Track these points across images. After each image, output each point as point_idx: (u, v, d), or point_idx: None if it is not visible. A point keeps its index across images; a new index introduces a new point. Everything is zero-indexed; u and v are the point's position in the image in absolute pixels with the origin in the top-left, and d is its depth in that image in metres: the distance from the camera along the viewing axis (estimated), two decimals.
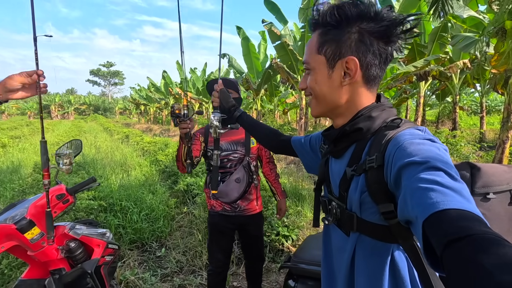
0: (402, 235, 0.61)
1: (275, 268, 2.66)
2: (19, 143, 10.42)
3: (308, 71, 0.74)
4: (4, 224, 1.21)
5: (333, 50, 0.67)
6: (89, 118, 41.10)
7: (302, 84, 0.77)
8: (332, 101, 0.71)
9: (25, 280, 1.35)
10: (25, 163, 6.21)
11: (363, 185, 0.66)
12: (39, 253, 1.29)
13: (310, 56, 0.72)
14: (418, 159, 0.52)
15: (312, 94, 0.74)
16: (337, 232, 0.78)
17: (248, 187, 1.71)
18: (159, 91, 24.23)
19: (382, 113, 0.70)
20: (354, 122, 0.70)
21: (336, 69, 0.68)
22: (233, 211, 1.76)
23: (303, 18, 7.94)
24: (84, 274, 1.33)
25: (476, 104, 20.02)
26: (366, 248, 0.69)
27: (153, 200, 3.67)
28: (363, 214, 0.67)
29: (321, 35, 0.69)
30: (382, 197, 0.62)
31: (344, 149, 0.73)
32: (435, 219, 0.42)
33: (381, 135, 0.65)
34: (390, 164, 0.59)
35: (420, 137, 0.59)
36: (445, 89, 10.83)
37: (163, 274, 2.56)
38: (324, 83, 0.70)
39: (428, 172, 0.48)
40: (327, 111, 0.75)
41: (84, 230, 1.41)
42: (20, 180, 4.52)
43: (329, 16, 0.67)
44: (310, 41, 0.72)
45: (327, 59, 0.69)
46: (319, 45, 0.69)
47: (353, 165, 0.69)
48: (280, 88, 13.72)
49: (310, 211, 3.64)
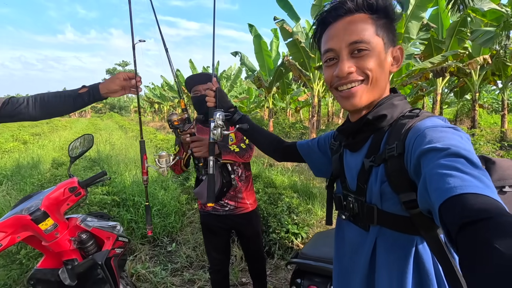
0: (424, 225, 0.60)
1: (284, 265, 2.65)
2: (39, 140, 10.83)
3: (364, 52, 0.66)
4: (20, 215, 1.25)
5: (388, 36, 0.69)
6: (105, 116, 42.21)
7: (350, 68, 0.67)
8: (383, 86, 0.70)
9: (41, 269, 1.40)
10: (44, 159, 6.44)
11: (382, 175, 0.65)
12: (53, 244, 1.33)
13: (369, 36, 0.66)
14: (439, 145, 0.51)
15: (371, 77, 0.67)
16: (352, 229, 0.76)
17: (226, 187, 1.60)
18: (172, 90, 24.58)
19: (401, 102, 0.71)
20: (377, 110, 0.69)
21: (388, 55, 0.69)
22: (223, 211, 1.70)
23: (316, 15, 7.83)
24: (95, 265, 1.37)
25: (497, 101, 19.24)
26: (387, 241, 0.67)
27: (165, 196, 3.73)
28: (384, 205, 0.66)
29: (374, 19, 0.68)
30: (403, 186, 0.61)
31: (362, 141, 0.72)
32: (451, 203, 0.41)
33: (400, 124, 0.65)
34: (410, 152, 0.58)
35: (441, 125, 0.58)
36: (464, 86, 10.46)
37: (173, 269, 2.60)
38: (384, 66, 0.69)
39: (449, 159, 0.47)
40: (376, 98, 0.71)
41: (95, 223, 1.44)
42: (39, 175, 4.70)
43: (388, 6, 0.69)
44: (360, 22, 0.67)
45: (384, 43, 0.68)
46: (376, 27, 0.67)
47: (371, 156, 0.68)
48: (292, 86, 13.63)
49: (320, 209, 3.61)
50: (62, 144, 9.48)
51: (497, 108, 17.60)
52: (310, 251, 1.35)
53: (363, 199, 0.70)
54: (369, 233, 0.70)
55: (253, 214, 1.79)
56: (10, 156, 6.87)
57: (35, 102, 1.15)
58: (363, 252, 0.71)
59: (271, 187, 4.00)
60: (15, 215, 1.27)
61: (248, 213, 1.75)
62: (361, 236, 0.73)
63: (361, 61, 0.67)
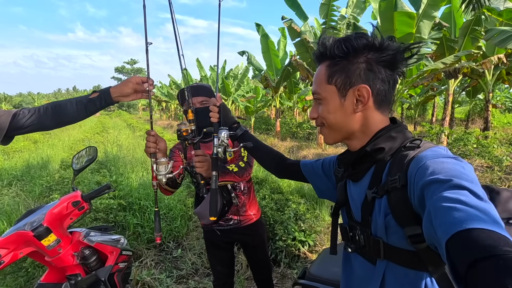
0: (432, 261, 0.58)
1: (291, 274, 2.60)
2: (49, 139, 10.99)
3: (318, 101, 0.75)
4: (23, 231, 1.24)
5: (343, 80, 0.69)
6: (114, 114, 42.70)
7: (313, 114, 0.77)
8: (346, 128, 0.72)
9: (44, 284, 1.38)
10: (53, 159, 6.53)
11: (386, 207, 0.64)
12: (56, 259, 1.32)
13: (320, 86, 0.73)
14: (442, 177, 0.50)
15: (325, 123, 0.74)
16: (359, 261, 0.74)
17: (227, 207, 1.55)
18: (179, 88, 24.68)
19: (400, 134, 0.70)
20: (375, 142, 0.69)
21: (348, 97, 0.70)
22: (227, 225, 1.66)
23: (324, 14, 7.72)
24: (98, 281, 1.35)
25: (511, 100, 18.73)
26: (396, 277, 0.65)
27: (171, 199, 3.72)
28: (390, 239, 0.64)
29: (329, 66, 0.71)
30: (408, 219, 0.59)
31: (363, 171, 0.72)
32: (458, 239, 0.40)
33: (402, 156, 0.65)
34: (413, 184, 0.57)
35: (442, 156, 0.58)
36: (477, 86, 10.18)
37: (178, 276, 2.57)
38: (337, 111, 0.71)
39: (452, 191, 0.47)
40: (341, 138, 0.75)
41: (98, 237, 1.42)
42: (48, 177, 4.75)
43: (337, 49, 0.69)
44: (318, 72, 0.74)
45: (338, 89, 0.70)
46: (328, 75, 0.71)
47: (373, 187, 0.67)
48: (299, 85, 13.50)
49: (328, 214, 3.54)
50: (72, 144, 9.61)
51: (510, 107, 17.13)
52: (318, 271, 1.29)
53: (369, 231, 0.69)
54: (376, 267, 0.69)
55: (258, 224, 1.76)
56: (21, 156, 6.98)
57: (47, 111, 1.12)
58: (371, 287, 0.69)
59: (278, 193, 3.95)
60: (18, 231, 1.25)
61: (253, 223, 1.71)
62: (369, 269, 0.71)
63: (317, 109, 0.75)
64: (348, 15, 7.95)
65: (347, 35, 0.71)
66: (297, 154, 7.87)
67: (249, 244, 1.77)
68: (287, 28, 8.31)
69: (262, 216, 1.82)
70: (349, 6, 8.02)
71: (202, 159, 1.28)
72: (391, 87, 0.71)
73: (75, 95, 50.46)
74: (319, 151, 8.20)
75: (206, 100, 1.56)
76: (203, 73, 20.43)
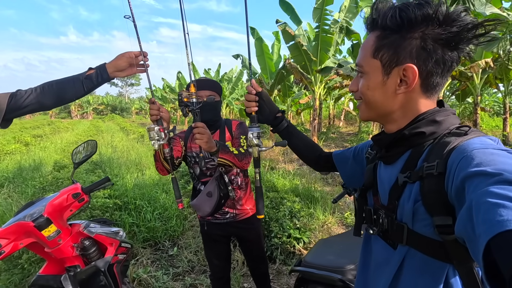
0: (459, 255, 0.55)
1: (286, 270, 2.64)
2: (41, 141, 10.85)
3: (360, 74, 0.69)
4: (23, 222, 1.25)
5: (390, 56, 0.63)
6: (107, 118, 42.30)
7: (353, 87, 0.72)
8: (384, 108, 0.68)
9: (43, 276, 1.40)
10: (46, 161, 6.46)
11: (417, 194, 0.60)
12: (56, 250, 1.33)
13: (364, 59, 0.67)
14: (490, 170, 0.45)
15: (362, 99, 0.70)
16: (380, 244, 0.72)
17: (224, 199, 1.56)
18: (173, 92, 24.63)
19: (447, 118, 0.64)
20: (415, 126, 0.64)
21: (392, 76, 0.64)
22: (223, 219, 1.69)
23: (317, 18, 7.86)
24: (98, 272, 1.36)
25: (499, 104, 19.20)
26: (416, 264, 0.63)
27: (166, 199, 3.73)
28: (415, 225, 0.61)
29: (378, 38, 0.64)
30: (439, 209, 0.56)
31: (397, 154, 0.68)
32: (506, 239, 0.36)
33: (444, 142, 0.60)
34: (453, 173, 0.53)
35: (493, 147, 0.52)
36: (466, 89, 10.44)
37: (174, 273, 2.59)
38: (377, 89, 0.66)
39: (500, 186, 0.42)
40: (377, 117, 0.71)
41: (98, 229, 1.44)
42: (40, 178, 4.70)
43: (390, 20, 0.61)
44: (366, 42, 0.67)
45: (382, 65, 0.64)
46: (375, 49, 0.64)
47: (406, 171, 0.63)
48: (293, 89, 13.64)
49: (322, 213, 3.60)
50: (64, 146, 9.50)
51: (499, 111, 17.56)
52: (314, 259, 1.34)
53: (394, 216, 0.66)
54: (396, 252, 0.66)
55: (254, 218, 1.78)
56: (12, 158, 6.89)
57: (44, 90, 1.11)
58: (387, 270, 0.68)
59: (273, 191, 3.99)
60: (18, 221, 1.27)
61: (249, 218, 1.74)
62: (388, 253, 0.69)
63: (358, 82, 0.70)
64: (340, 20, 8.11)
65: (405, 2, 0.61)
66: (291, 155, 7.94)
67: (245, 238, 1.80)
68: (281, 32, 8.43)
69: None
70: (342, 11, 8.18)
71: (201, 131, 1.27)
72: (446, 70, 0.62)
73: None
74: None
75: (213, 95, 1.58)
76: (198, 77, 20.46)
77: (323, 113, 17.40)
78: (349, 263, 1.25)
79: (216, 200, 1.51)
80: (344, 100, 19.16)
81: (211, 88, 1.59)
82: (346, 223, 3.63)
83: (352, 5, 8.14)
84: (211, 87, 1.59)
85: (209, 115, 1.56)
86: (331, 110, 17.30)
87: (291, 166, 6.70)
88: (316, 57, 8.47)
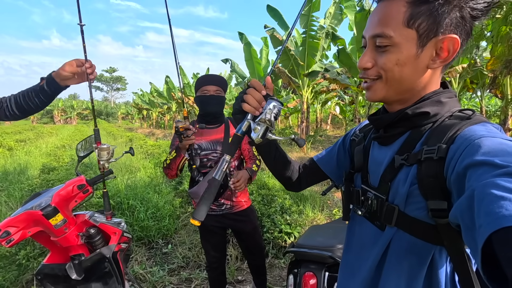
0: (450, 237, 0.54)
1: (278, 263, 2.74)
2: (25, 146, 10.57)
3: (383, 48, 0.59)
4: (32, 211, 1.31)
5: (429, 26, 0.56)
6: (91, 123, 41.37)
7: (367, 62, 0.62)
8: (409, 85, 0.61)
9: (48, 265, 1.45)
10: (32, 165, 6.33)
11: (413, 177, 0.58)
12: (62, 239, 1.39)
13: (392, 28, 0.57)
14: (497, 160, 0.43)
15: (383, 76, 0.61)
16: (366, 225, 0.71)
17: (223, 189, 1.64)
18: (161, 96, 24.45)
19: (450, 100, 0.61)
20: (419, 105, 0.61)
21: (427, 48, 0.57)
22: (219, 210, 1.77)
23: (304, 24, 8.11)
24: (103, 259, 1.43)
25: (477, 108, 20.13)
26: (402, 246, 0.62)
27: (159, 199, 3.77)
28: (407, 208, 0.60)
29: (412, 4, 0.56)
30: (436, 193, 0.54)
31: (395, 136, 0.65)
32: (508, 235, 0.35)
33: (445, 125, 0.57)
34: (456, 159, 0.51)
35: (501, 136, 0.49)
36: None
37: (170, 269, 2.65)
38: (408, 63, 0.58)
39: (508, 179, 0.40)
40: (395, 96, 0.63)
41: (102, 219, 1.51)
42: (28, 181, 4.64)
43: None
44: (390, 9, 0.58)
45: (419, 35, 0.57)
46: (410, 16, 0.56)
47: (404, 153, 0.61)
48: (281, 93, 13.87)
49: (311, 210, 3.73)
50: (50, 151, 9.29)
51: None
52: (305, 241, 1.45)
53: (385, 198, 0.64)
54: (384, 233, 0.65)
55: (249, 211, 1.87)
56: None
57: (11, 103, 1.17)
58: (373, 252, 0.67)
59: (265, 189, 4.10)
60: (27, 210, 1.32)
61: (244, 209, 1.83)
62: (375, 235, 0.68)
63: (380, 57, 0.60)
64: (326, 26, 8.40)
65: None
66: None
67: (242, 231, 1.87)
68: (270, 37, 8.63)
69: (252, 205, 1.94)
70: (327, 17, 8.48)
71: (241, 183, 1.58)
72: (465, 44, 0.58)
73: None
74: (301, 154, 8.47)
75: (220, 90, 1.70)
76: (186, 81, 20.43)
77: (311, 117, 17.73)
78: (338, 243, 1.38)
79: None
80: (331, 104, 19.59)
81: (218, 83, 1.71)
82: (334, 219, 3.78)
83: (337, 12, 8.45)
84: (218, 83, 1.71)
85: (215, 108, 1.70)
86: (318, 114, 17.65)
87: None
88: (304, 61, 8.71)
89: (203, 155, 1.71)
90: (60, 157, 6.87)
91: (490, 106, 19.29)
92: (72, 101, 54.68)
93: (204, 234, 1.87)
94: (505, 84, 5.61)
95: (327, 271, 1.31)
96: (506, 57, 2.82)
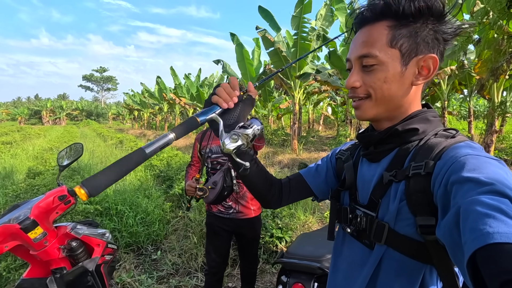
0: (439, 255, 0.55)
1: (269, 269, 2.72)
2: (11, 149, 10.30)
3: (370, 67, 0.62)
4: (9, 224, 1.25)
5: (410, 45, 0.60)
6: (82, 123, 40.69)
7: (355, 82, 0.64)
8: (397, 102, 0.63)
9: (27, 279, 1.38)
10: (18, 169, 6.16)
11: (402, 193, 0.59)
12: (42, 252, 1.33)
13: (379, 48, 0.60)
14: (482, 178, 0.44)
15: (372, 94, 0.63)
16: (353, 245, 0.70)
17: (227, 192, 1.70)
18: (153, 97, 24.21)
19: (436, 120, 0.65)
20: (408, 122, 0.63)
21: (410, 67, 0.61)
22: (227, 213, 1.81)
23: (296, 25, 8.12)
24: (85, 273, 1.38)
25: (465, 109, 20.55)
26: (392, 266, 0.61)
27: (148, 204, 3.71)
28: (397, 225, 0.60)
29: (393, 27, 0.60)
30: (424, 209, 0.55)
31: (385, 152, 0.66)
32: (492, 252, 0.35)
33: (432, 143, 0.59)
34: (442, 174, 0.52)
35: (485, 155, 0.51)
36: (434, 95, 11.12)
37: (159, 276, 2.60)
38: (394, 81, 0.61)
39: (491, 197, 0.41)
40: (385, 113, 0.65)
41: (85, 230, 1.45)
42: (13, 186, 4.50)
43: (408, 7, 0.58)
44: (373, 32, 0.61)
45: (402, 54, 0.60)
46: (392, 38, 0.60)
47: (392, 170, 0.62)
48: (273, 94, 13.88)
49: (302, 213, 3.73)
50: (37, 153, 9.08)
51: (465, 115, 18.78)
52: (295, 250, 1.44)
53: (375, 215, 0.64)
54: (373, 253, 0.64)
55: (256, 220, 1.89)
56: None
57: None
58: (362, 273, 0.65)
59: None
60: (4, 224, 1.26)
61: (251, 218, 1.85)
62: (363, 254, 0.67)
63: (367, 77, 0.63)
64: (318, 27, 8.44)
65: None
66: (272, 159, 8.08)
67: (245, 237, 1.90)
68: (261, 38, 8.62)
69: (260, 215, 1.95)
70: (318, 19, 8.52)
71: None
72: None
73: (37, 103, 47.80)
74: (293, 156, 8.48)
75: None
76: (177, 81, 20.27)
77: (303, 118, 17.82)
78: (327, 253, 1.36)
79: (219, 190, 1.69)
80: (323, 105, 19.72)
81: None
82: (326, 222, 3.77)
83: (328, 14, 8.50)
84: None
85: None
86: (310, 115, 17.74)
87: (272, 170, 6.83)
88: (295, 63, 8.72)
89: (213, 157, 1.82)
90: (47, 160, 6.70)
91: (478, 106, 19.72)
92: (61, 101, 53.67)
93: (210, 235, 1.90)
94: (492, 87, 5.72)
95: (316, 282, 1.30)
96: (492, 64, 2.87)
